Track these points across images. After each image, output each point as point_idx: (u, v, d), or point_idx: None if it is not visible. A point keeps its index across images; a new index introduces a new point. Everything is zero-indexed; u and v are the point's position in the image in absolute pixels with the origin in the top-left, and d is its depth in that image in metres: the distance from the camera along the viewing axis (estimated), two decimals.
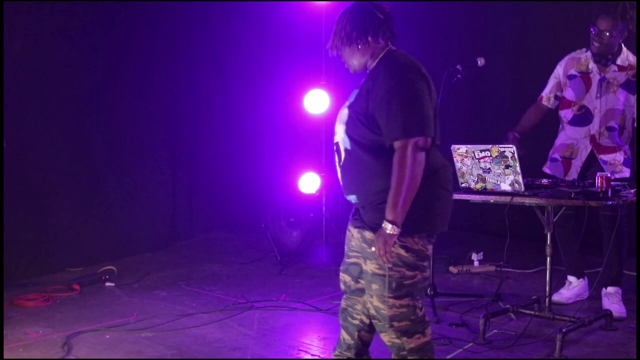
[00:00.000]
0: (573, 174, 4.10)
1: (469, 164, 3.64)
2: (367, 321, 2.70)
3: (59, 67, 5.18)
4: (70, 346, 3.52)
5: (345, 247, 2.75)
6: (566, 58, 4.22)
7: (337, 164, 2.65)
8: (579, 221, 3.98)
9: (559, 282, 4.20)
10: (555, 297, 4.15)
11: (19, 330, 3.80)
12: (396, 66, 2.47)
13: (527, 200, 3.51)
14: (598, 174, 3.44)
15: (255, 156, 6.90)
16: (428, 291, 4.24)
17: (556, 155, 4.20)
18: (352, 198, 2.60)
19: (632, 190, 3.55)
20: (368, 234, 2.50)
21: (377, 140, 2.46)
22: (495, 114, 6.57)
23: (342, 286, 2.80)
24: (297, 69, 6.46)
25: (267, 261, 5.49)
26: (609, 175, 3.43)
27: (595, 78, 4.05)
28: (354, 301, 2.75)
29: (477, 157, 3.59)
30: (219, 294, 4.56)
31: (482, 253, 5.27)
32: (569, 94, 4.16)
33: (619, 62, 4.02)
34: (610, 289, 4.05)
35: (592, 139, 4.05)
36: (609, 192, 3.38)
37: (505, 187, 3.56)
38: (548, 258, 3.73)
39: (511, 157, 3.47)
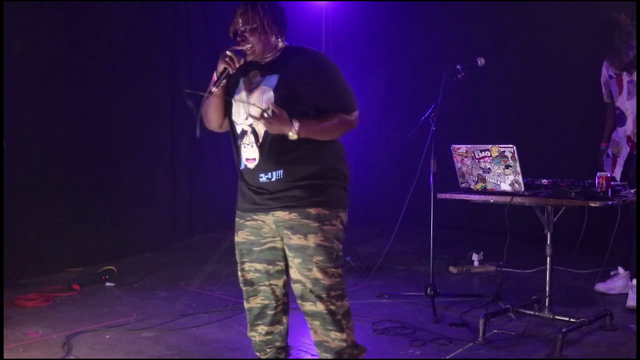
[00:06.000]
0: (617, 172, 4.20)
1: (469, 164, 3.64)
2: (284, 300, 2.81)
3: (59, 67, 5.18)
4: (70, 346, 3.52)
5: (249, 237, 2.72)
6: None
7: (245, 144, 2.69)
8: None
9: (559, 282, 4.19)
10: (601, 287, 4.28)
11: (19, 330, 3.80)
12: (322, 55, 2.72)
13: (527, 200, 3.51)
14: (598, 174, 3.44)
15: None
16: (428, 291, 4.24)
17: (609, 152, 4.31)
18: (274, 174, 2.64)
19: (632, 190, 3.54)
20: (314, 210, 2.61)
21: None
22: (496, 114, 6.58)
23: (253, 275, 2.74)
24: None
25: None
26: (609, 175, 3.43)
27: (625, 80, 4.14)
28: (274, 287, 2.75)
29: (477, 157, 3.59)
30: (219, 294, 4.56)
31: (482, 253, 5.28)
32: (613, 94, 4.29)
33: None
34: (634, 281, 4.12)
35: (629, 139, 4.15)
36: (609, 192, 3.37)
37: (505, 187, 3.55)
38: (548, 258, 3.72)
39: (511, 157, 3.47)
